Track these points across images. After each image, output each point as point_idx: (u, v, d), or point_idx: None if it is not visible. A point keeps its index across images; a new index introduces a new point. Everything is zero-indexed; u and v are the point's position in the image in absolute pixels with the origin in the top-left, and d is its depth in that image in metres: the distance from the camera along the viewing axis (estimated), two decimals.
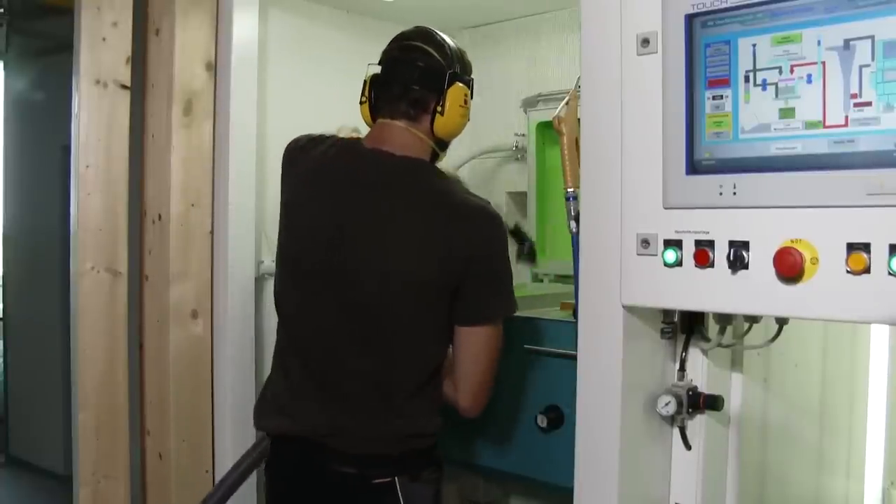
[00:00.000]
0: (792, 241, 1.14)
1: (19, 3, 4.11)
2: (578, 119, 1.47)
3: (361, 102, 1.72)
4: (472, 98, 1.69)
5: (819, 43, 1.11)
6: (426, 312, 1.57)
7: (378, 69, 1.69)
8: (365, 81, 1.71)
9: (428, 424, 1.61)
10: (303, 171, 1.70)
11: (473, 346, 1.59)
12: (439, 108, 1.62)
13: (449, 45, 1.68)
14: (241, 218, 2.19)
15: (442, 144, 1.70)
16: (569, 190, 1.61)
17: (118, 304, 2.02)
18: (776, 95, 1.15)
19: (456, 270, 1.54)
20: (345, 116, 2.45)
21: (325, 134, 1.77)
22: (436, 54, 1.64)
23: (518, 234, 2.75)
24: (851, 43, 1.09)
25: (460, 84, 1.64)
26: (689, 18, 1.22)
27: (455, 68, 1.65)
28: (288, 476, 1.67)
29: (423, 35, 1.68)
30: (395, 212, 1.57)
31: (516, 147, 2.69)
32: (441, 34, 1.69)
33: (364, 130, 2.42)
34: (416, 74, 1.63)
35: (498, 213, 1.63)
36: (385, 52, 1.70)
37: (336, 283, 1.58)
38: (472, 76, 1.72)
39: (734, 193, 1.19)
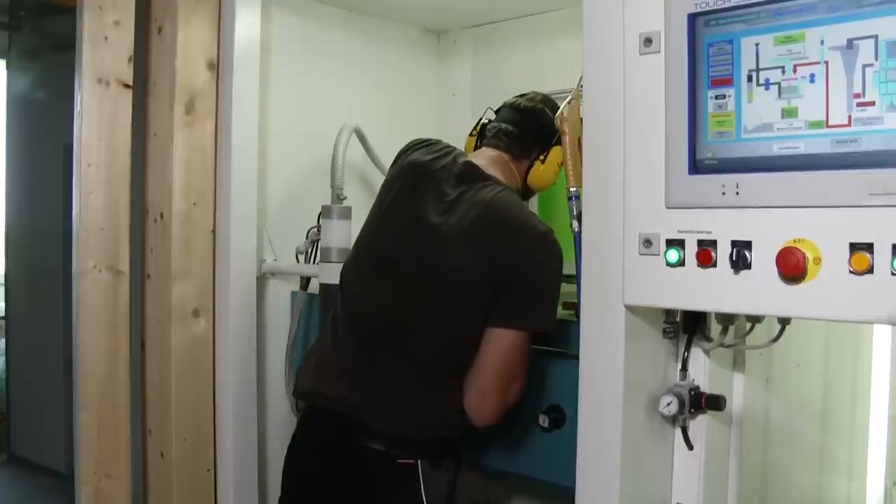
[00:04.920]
0: (794, 241, 1.13)
1: (21, 2, 4.12)
2: (580, 118, 1.47)
3: (471, 135, 1.91)
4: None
5: (822, 42, 1.11)
6: (470, 313, 1.61)
7: (493, 115, 1.88)
8: (479, 119, 1.92)
9: (456, 418, 1.65)
10: (400, 166, 1.81)
11: (491, 347, 1.61)
12: (541, 158, 1.79)
13: None
14: (243, 217, 2.20)
15: (526, 194, 1.85)
16: (571, 189, 1.61)
17: (120, 303, 2.02)
18: (779, 95, 1.15)
19: (498, 277, 1.59)
20: (347, 115, 2.46)
21: (440, 140, 1.87)
22: (551, 115, 1.76)
23: None
24: (855, 42, 1.08)
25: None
26: (692, 18, 1.22)
27: None
28: (318, 450, 1.71)
29: (544, 99, 1.86)
30: (463, 216, 1.64)
31: None
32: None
33: (368, 131, 2.44)
34: (531, 124, 1.80)
35: (557, 244, 1.64)
36: (506, 102, 1.87)
37: (398, 272, 1.67)
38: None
39: (737, 193, 1.19)
